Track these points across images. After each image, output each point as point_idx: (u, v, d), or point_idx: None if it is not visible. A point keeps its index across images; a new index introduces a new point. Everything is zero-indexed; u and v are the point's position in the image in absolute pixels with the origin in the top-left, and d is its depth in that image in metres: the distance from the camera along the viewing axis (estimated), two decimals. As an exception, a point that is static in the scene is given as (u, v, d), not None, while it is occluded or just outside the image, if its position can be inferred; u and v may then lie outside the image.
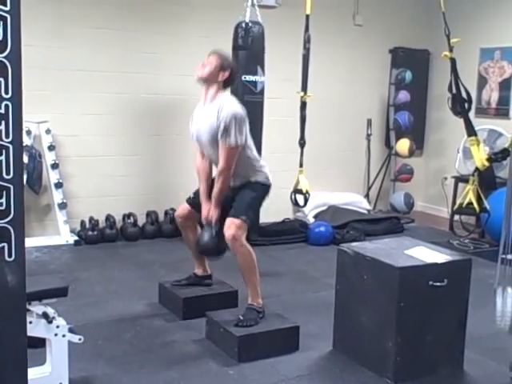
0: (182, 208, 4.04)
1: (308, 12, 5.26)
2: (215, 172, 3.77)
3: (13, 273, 1.86)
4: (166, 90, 6.02)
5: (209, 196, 3.75)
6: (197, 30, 6.07)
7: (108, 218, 5.78)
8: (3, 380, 1.91)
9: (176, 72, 6.02)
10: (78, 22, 5.59)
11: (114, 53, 5.79)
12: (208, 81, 3.68)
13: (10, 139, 1.82)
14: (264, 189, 3.77)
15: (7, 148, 1.82)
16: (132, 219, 5.87)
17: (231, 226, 3.52)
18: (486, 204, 5.93)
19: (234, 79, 3.85)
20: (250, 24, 5.10)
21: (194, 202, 3.92)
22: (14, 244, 1.87)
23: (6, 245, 1.86)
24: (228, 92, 3.83)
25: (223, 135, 3.55)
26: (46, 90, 5.45)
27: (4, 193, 1.83)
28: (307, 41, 5.29)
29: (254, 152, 3.78)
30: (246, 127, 3.65)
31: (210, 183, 3.81)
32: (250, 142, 3.74)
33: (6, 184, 1.83)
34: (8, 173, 1.83)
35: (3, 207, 1.85)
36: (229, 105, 3.61)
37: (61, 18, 5.52)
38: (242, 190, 3.69)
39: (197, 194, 3.92)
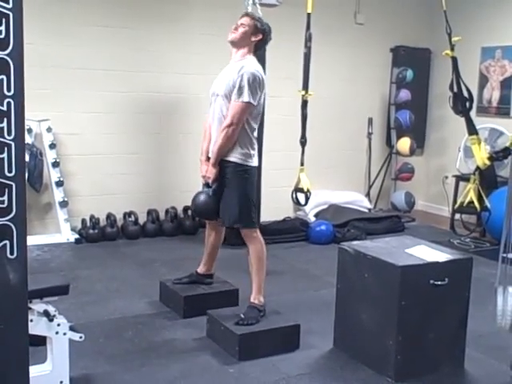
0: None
1: (309, 10, 5.26)
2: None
3: (15, 270, 1.86)
4: (167, 88, 6.02)
5: (208, 157, 3.75)
6: (198, 28, 6.07)
7: (109, 216, 5.78)
8: (5, 378, 1.91)
9: (177, 70, 6.03)
10: (80, 20, 5.59)
11: (116, 51, 5.79)
12: (240, 43, 3.68)
13: (12, 137, 1.82)
14: (252, 174, 3.67)
15: (9, 145, 1.82)
16: (133, 217, 5.87)
17: (243, 234, 3.66)
18: (487, 203, 5.92)
19: (267, 41, 3.82)
20: (252, 22, 5.08)
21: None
22: (15, 242, 1.87)
23: (7, 242, 1.86)
24: (255, 58, 3.74)
25: (238, 90, 3.54)
26: (47, 88, 5.45)
27: (6, 190, 1.83)
28: (308, 39, 5.29)
29: (255, 132, 3.71)
30: (262, 93, 3.62)
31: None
32: (258, 116, 3.69)
33: (8, 182, 1.83)
34: (10, 170, 1.83)
35: (5, 205, 1.85)
36: (252, 65, 3.61)
37: (62, 16, 5.52)
38: (228, 188, 3.64)
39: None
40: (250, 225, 3.66)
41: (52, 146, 5.50)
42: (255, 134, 3.72)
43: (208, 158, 3.76)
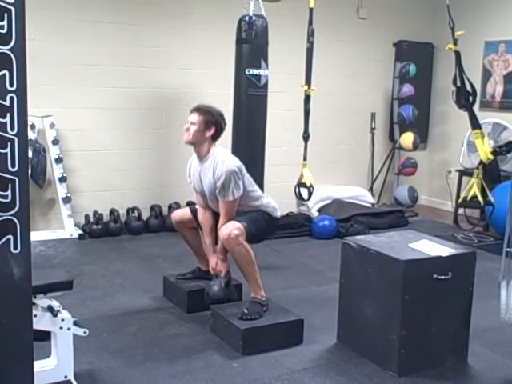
0: (183, 213, 4.07)
1: (312, 5, 5.24)
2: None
3: (18, 265, 1.87)
4: (170, 83, 6.02)
5: (214, 248, 3.78)
6: (201, 23, 6.06)
7: (112, 211, 5.79)
8: (10, 373, 1.92)
9: (181, 66, 6.03)
10: (82, 16, 5.58)
11: (119, 47, 5.79)
12: (197, 142, 3.70)
13: (15, 132, 1.82)
14: (269, 219, 3.80)
15: (12, 140, 1.82)
16: (136, 213, 5.88)
17: (229, 226, 3.55)
18: (491, 197, 5.91)
19: (222, 131, 3.77)
20: (254, 17, 5.07)
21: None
22: (19, 236, 1.87)
23: (11, 237, 1.87)
24: (219, 147, 3.77)
25: (221, 192, 3.61)
26: (50, 84, 5.46)
27: (9, 185, 1.84)
28: (311, 34, 5.27)
29: (257, 192, 3.83)
30: (243, 176, 3.67)
31: (215, 234, 3.81)
32: (253, 185, 3.79)
33: (11, 176, 1.84)
34: (13, 165, 1.84)
35: (8, 199, 1.85)
36: (222, 162, 3.62)
37: (64, 12, 5.52)
38: (247, 213, 3.72)
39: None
40: (247, 228, 3.57)
41: (55, 141, 5.51)
42: (258, 193, 3.83)
43: (215, 251, 3.78)
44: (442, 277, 3.16)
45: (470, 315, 3.34)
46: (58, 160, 5.52)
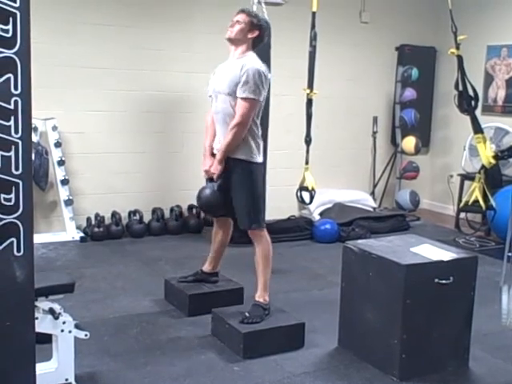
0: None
1: (314, 9, 5.25)
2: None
3: (21, 268, 1.87)
4: (172, 87, 6.03)
5: (212, 151, 3.74)
6: (203, 27, 6.07)
7: (114, 214, 5.79)
8: (12, 374, 1.92)
9: (182, 69, 6.03)
10: (84, 19, 5.59)
11: (121, 49, 5.80)
12: (237, 40, 3.65)
13: (19, 135, 1.83)
14: (257, 168, 3.65)
15: (16, 144, 1.83)
16: (138, 216, 5.88)
17: (250, 233, 3.64)
18: (492, 201, 5.91)
19: (264, 38, 3.76)
20: (257, 21, 5.08)
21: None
22: (22, 239, 1.88)
23: (14, 240, 1.87)
24: (255, 53, 3.70)
25: (243, 86, 3.50)
26: (52, 87, 5.46)
27: (13, 188, 1.84)
28: (313, 38, 5.27)
29: (259, 128, 3.70)
30: (266, 86, 3.60)
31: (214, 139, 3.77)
32: (260, 112, 3.68)
33: (15, 179, 1.84)
34: (17, 168, 1.84)
35: (12, 202, 1.86)
36: (254, 61, 3.59)
37: (67, 15, 5.53)
38: (236, 187, 3.62)
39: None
40: (258, 225, 3.65)
41: (57, 144, 5.51)
42: (260, 131, 3.71)
43: (212, 154, 3.75)
44: (444, 281, 3.16)
45: (471, 320, 3.34)
46: (60, 162, 5.53)
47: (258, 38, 3.69)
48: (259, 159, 3.67)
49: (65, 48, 5.55)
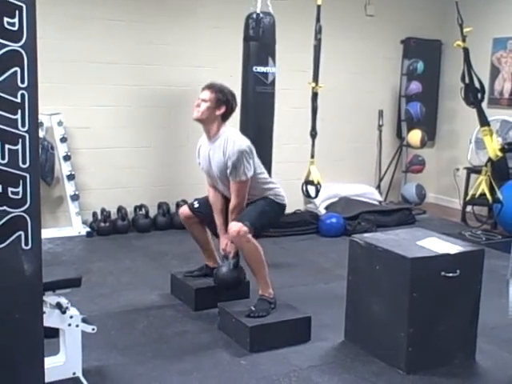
0: (185, 210, 4.05)
1: (319, 2, 5.24)
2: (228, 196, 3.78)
3: (29, 261, 1.88)
4: (177, 81, 6.03)
5: (225, 228, 3.74)
6: (209, 21, 6.06)
7: (120, 209, 5.80)
8: (21, 368, 1.93)
9: (188, 63, 6.03)
10: (89, 14, 5.59)
11: (126, 44, 5.79)
12: (206, 120, 3.66)
13: (26, 128, 1.83)
14: (277, 206, 3.78)
15: (23, 137, 1.83)
16: (144, 211, 5.89)
17: (236, 225, 3.53)
18: (499, 194, 5.89)
19: (233, 111, 3.74)
20: (261, 15, 5.09)
21: (199, 211, 3.95)
22: (30, 232, 1.88)
23: (22, 233, 1.87)
24: (229, 127, 3.75)
25: (232, 172, 3.58)
26: (57, 82, 5.47)
27: (20, 182, 1.85)
28: (318, 31, 5.27)
29: (265, 175, 3.81)
30: (254, 156, 3.65)
31: (226, 215, 3.79)
32: (261, 167, 3.76)
33: (22, 173, 1.84)
34: (24, 162, 1.84)
35: (20, 196, 1.86)
36: (233, 141, 3.59)
37: (72, 10, 5.53)
38: (255, 202, 3.71)
39: (201, 203, 3.95)
40: (251, 228, 3.53)
41: (63, 139, 5.52)
42: (265, 175, 3.80)
43: (225, 231, 3.73)
44: (450, 274, 3.16)
45: (478, 313, 3.33)
46: (66, 158, 5.54)
47: (226, 112, 3.67)
48: (282, 200, 3.78)
49: (70, 43, 5.55)
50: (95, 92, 5.72)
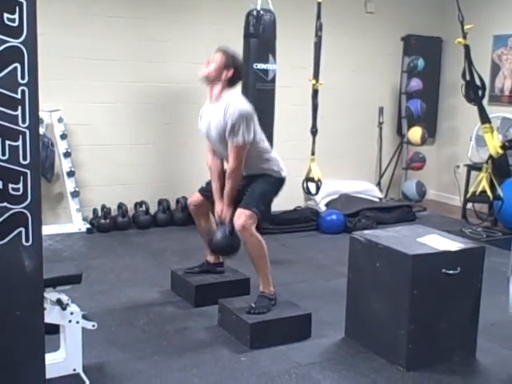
0: (195, 196, 4.04)
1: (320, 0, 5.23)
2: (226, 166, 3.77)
3: (30, 258, 1.88)
4: (177, 78, 6.02)
5: (221, 194, 3.74)
6: (209, 17, 6.06)
7: (120, 206, 5.80)
8: (22, 364, 1.93)
9: (188, 60, 6.01)
10: (89, 10, 5.59)
11: (126, 41, 5.79)
12: (211, 80, 3.64)
13: (26, 124, 1.82)
14: (277, 182, 3.75)
15: (24, 133, 1.82)
16: (144, 207, 5.89)
17: (241, 216, 3.52)
18: (500, 192, 5.89)
19: (240, 78, 3.75)
20: (262, 12, 5.08)
21: (207, 191, 3.93)
22: (31, 229, 1.88)
23: (23, 230, 1.87)
24: (234, 90, 3.73)
25: (230, 134, 3.54)
26: (57, 79, 5.46)
27: (21, 178, 1.84)
28: (319, 28, 5.26)
29: (266, 144, 3.77)
30: (255, 122, 3.62)
31: (223, 181, 3.77)
32: (261, 134, 3.72)
33: (23, 169, 1.84)
34: (25, 158, 1.84)
35: (20, 192, 1.86)
36: (234, 103, 3.56)
37: (72, 6, 5.52)
38: (255, 181, 3.68)
39: (209, 183, 3.93)
40: (257, 212, 3.56)
41: (63, 136, 5.52)
42: (270, 151, 3.77)
43: (221, 197, 3.74)
44: (451, 271, 3.16)
45: (478, 310, 3.33)
46: (66, 154, 5.54)
47: (233, 77, 3.66)
48: (281, 174, 3.74)
49: (70, 39, 5.54)
50: (95, 89, 5.71)
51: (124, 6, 5.74)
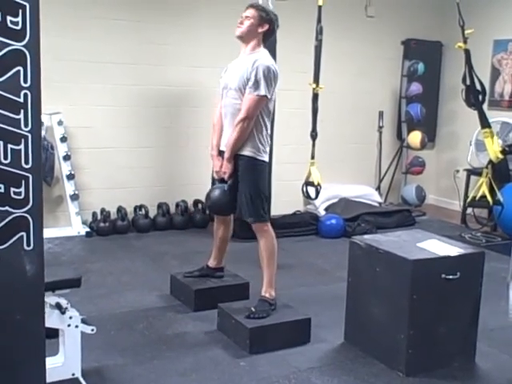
0: None
1: (320, 3, 5.24)
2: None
3: (31, 262, 1.87)
4: (177, 81, 6.02)
5: (219, 152, 3.72)
6: (209, 21, 6.06)
7: (119, 209, 5.80)
8: (22, 368, 1.92)
9: (188, 63, 6.02)
10: (90, 13, 5.59)
11: (127, 44, 5.79)
12: (247, 37, 3.64)
13: (28, 128, 1.81)
14: (260, 167, 3.64)
15: (26, 137, 1.81)
16: (143, 211, 5.88)
17: (259, 230, 3.62)
18: (500, 197, 5.89)
19: (274, 31, 3.77)
20: (262, 15, 5.07)
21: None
22: (32, 233, 1.87)
23: (24, 234, 1.86)
24: (266, 51, 3.72)
25: (253, 84, 3.51)
26: (58, 82, 5.45)
27: (23, 182, 1.84)
28: (319, 32, 5.27)
29: (268, 123, 3.67)
30: (275, 89, 3.60)
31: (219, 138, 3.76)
32: (271, 112, 3.68)
33: (24, 173, 1.83)
34: (27, 162, 1.83)
35: (22, 196, 1.85)
36: (265, 58, 3.59)
37: (73, 9, 5.52)
38: (243, 180, 3.61)
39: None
40: (261, 218, 3.64)
41: (63, 139, 5.52)
42: (268, 130, 3.70)
43: (219, 153, 3.74)
44: (451, 276, 3.15)
45: (478, 315, 3.33)
46: (66, 157, 5.53)
47: (268, 31, 3.68)
48: (264, 158, 3.66)
49: (71, 42, 5.54)
50: (95, 92, 5.71)
51: (125, 10, 5.74)
